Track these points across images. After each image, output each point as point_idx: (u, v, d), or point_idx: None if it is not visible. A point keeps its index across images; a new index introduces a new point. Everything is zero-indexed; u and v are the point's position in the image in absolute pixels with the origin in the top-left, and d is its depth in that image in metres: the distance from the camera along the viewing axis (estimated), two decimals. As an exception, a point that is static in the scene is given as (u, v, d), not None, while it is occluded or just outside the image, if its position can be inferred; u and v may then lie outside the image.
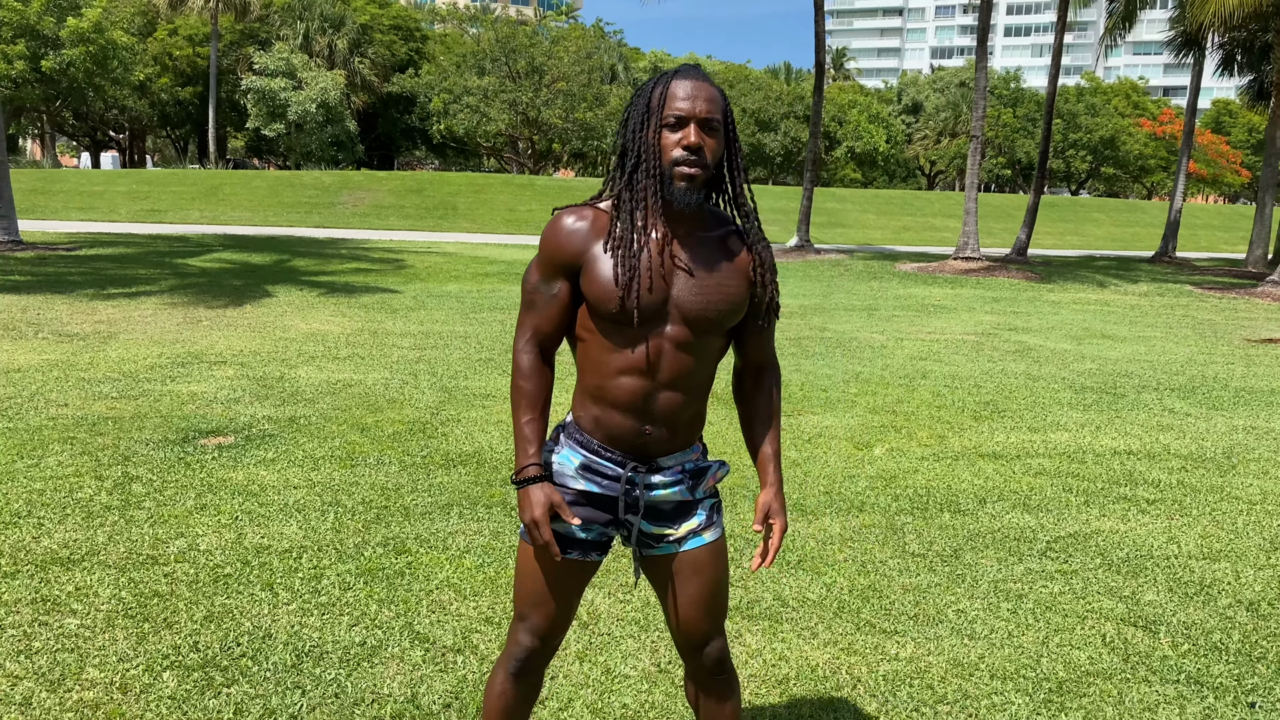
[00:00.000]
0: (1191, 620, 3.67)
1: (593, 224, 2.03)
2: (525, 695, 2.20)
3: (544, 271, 2.06)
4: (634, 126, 2.02)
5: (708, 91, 1.97)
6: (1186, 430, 6.73)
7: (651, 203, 2.01)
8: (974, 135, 20.40)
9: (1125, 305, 15.08)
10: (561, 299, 2.06)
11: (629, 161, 2.02)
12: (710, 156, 1.98)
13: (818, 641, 3.34)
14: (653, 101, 1.99)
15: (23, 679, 2.87)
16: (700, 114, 1.95)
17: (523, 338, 2.10)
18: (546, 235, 2.05)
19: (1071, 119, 50.54)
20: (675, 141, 1.96)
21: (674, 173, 1.96)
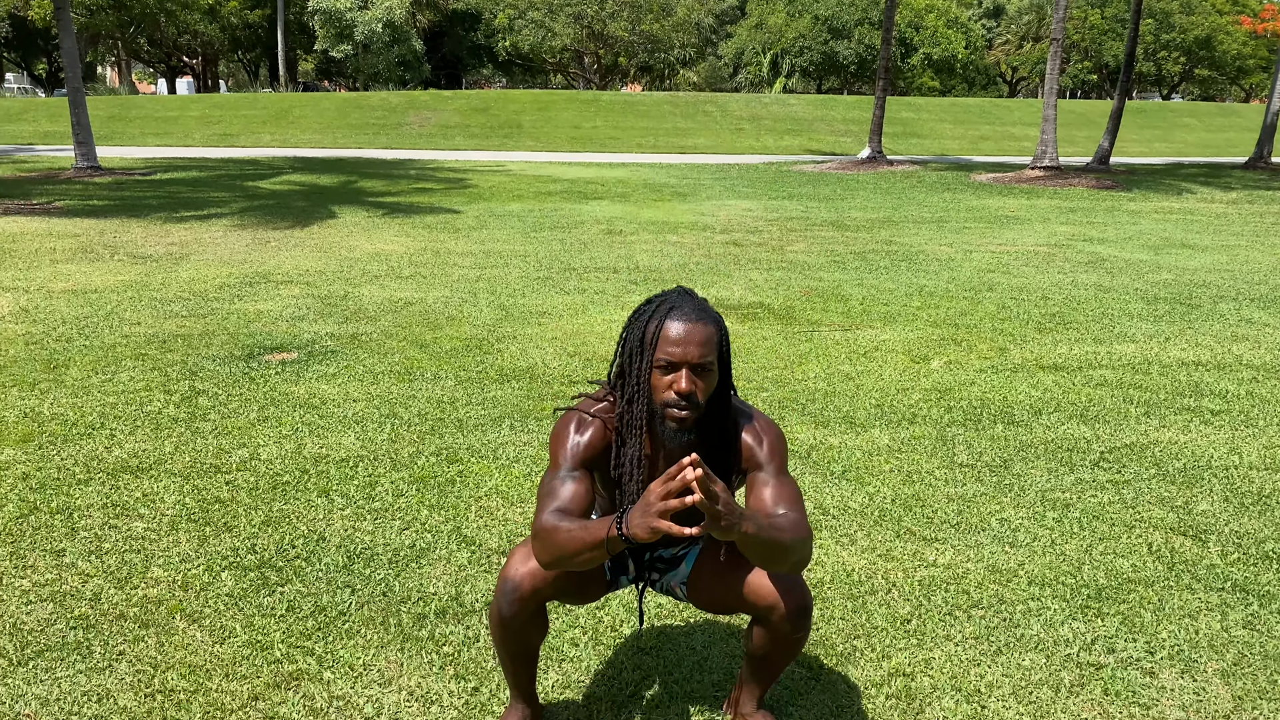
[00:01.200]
0: (1245, 530, 3.61)
1: (593, 438, 2.10)
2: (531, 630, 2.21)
3: (566, 466, 2.08)
4: (629, 355, 2.06)
5: (700, 334, 1.98)
6: (1262, 340, 6.52)
7: (646, 433, 2.10)
8: (1054, 38, 19.56)
9: (1210, 213, 14.49)
10: (584, 480, 2.07)
11: (627, 392, 2.07)
12: (703, 396, 2.02)
13: (856, 548, 3.37)
14: (646, 338, 2.01)
15: (93, 577, 3.05)
16: (693, 359, 1.98)
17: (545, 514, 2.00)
18: (560, 444, 2.10)
19: (1164, 18, 48.02)
20: (667, 384, 2.00)
21: (665, 414, 2.01)
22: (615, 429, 2.12)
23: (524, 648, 2.23)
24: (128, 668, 2.58)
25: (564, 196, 14.68)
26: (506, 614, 2.12)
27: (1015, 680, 2.63)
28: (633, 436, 2.09)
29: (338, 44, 38.52)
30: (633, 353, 2.05)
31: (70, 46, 15.62)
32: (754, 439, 2.14)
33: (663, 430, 2.04)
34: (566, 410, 2.16)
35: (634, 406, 2.07)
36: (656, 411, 2.04)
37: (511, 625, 2.14)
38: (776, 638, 2.18)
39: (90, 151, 16.22)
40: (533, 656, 2.27)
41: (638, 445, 2.09)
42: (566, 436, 2.11)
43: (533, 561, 2.10)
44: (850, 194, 16.01)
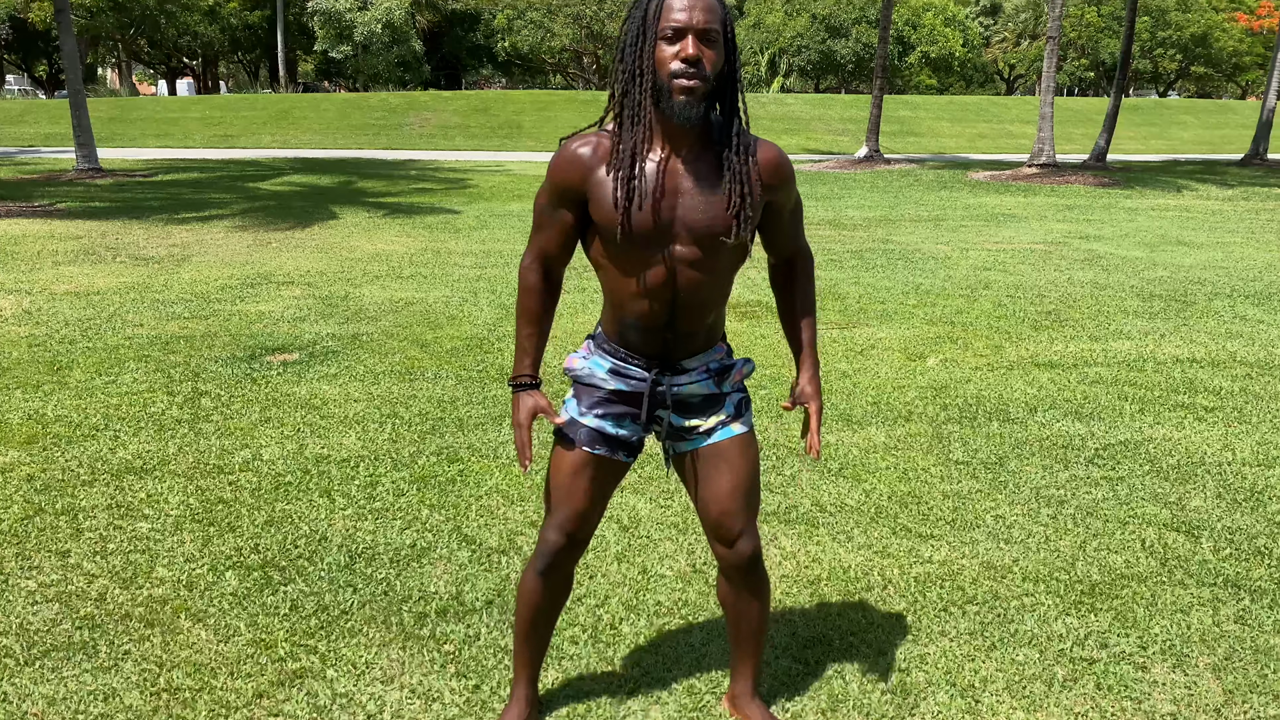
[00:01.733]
0: (1237, 525, 3.65)
1: (595, 150, 2.03)
2: (554, 594, 2.30)
3: (550, 198, 2.10)
4: (630, 42, 1.99)
5: (705, 1, 1.93)
6: (1257, 337, 6.56)
7: (652, 120, 1.99)
8: (1050, 36, 19.61)
9: (1206, 210, 14.53)
10: (565, 224, 2.11)
11: (627, 77, 2.00)
12: (710, 68, 1.94)
13: (852, 545, 3.41)
14: (649, 15, 1.95)
15: (99, 577, 3.09)
16: (698, 25, 1.91)
17: (529, 256, 2.18)
18: (553, 164, 2.07)
19: (1160, 15, 48.03)
20: (673, 54, 1.92)
21: (672, 86, 1.93)
22: (616, 117, 2.05)
23: (550, 611, 2.31)
24: (133, 667, 2.62)
25: (563, 196, 14.71)
26: (547, 564, 2.25)
27: (1009, 675, 2.67)
28: (635, 122, 2.00)
29: (337, 45, 38.58)
30: (635, 34, 1.98)
31: (71, 48, 15.66)
32: (779, 160, 2.11)
33: (670, 108, 1.96)
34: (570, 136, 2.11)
35: (636, 86, 1.98)
36: (663, 89, 1.95)
37: (551, 581, 2.27)
38: (732, 580, 2.31)
39: (91, 153, 16.26)
40: (551, 628, 2.35)
41: (643, 129, 1.99)
42: (561, 156, 2.06)
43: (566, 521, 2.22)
44: (847, 193, 16.04)
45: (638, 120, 2.00)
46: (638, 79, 1.98)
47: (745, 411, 2.26)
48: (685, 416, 2.22)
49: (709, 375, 2.21)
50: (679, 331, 2.12)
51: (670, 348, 2.14)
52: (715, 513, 2.24)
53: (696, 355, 2.19)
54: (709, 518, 2.26)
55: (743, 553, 2.27)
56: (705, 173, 2.04)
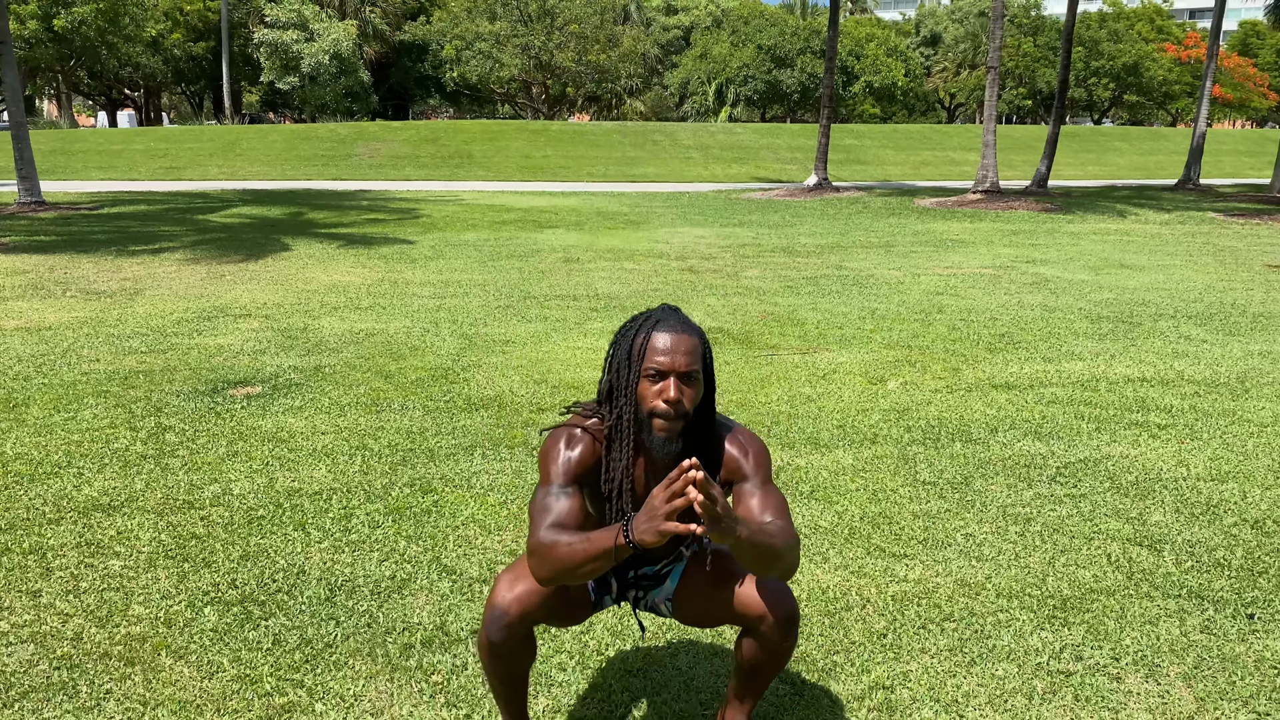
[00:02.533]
0: (1196, 539, 3.76)
1: (584, 452, 2.16)
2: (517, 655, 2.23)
3: (558, 482, 2.12)
4: (618, 368, 2.14)
5: (687, 344, 2.07)
6: (1201, 356, 6.76)
7: (637, 443, 2.16)
8: (991, 67, 20.11)
9: (1145, 234, 14.96)
10: (576, 496, 2.13)
11: (616, 405, 2.15)
12: (689, 405, 2.09)
13: (829, 565, 3.46)
14: (634, 350, 2.10)
15: (73, 616, 3.04)
16: (680, 368, 2.06)
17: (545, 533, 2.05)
18: (550, 460, 2.14)
19: (1093, 46, 49.50)
20: (655, 393, 2.07)
21: (653, 423, 2.08)
22: (604, 441, 2.18)
23: (514, 673, 2.27)
24: (116, 706, 2.58)
25: (518, 225, 14.74)
26: (496, 640, 2.16)
27: (990, 690, 2.73)
28: (622, 446, 2.14)
29: (284, 76, 38.32)
30: (621, 365, 2.13)
31: (12, 81, 15.40)
32: (739, 450, 2.21)
33: (650, 441, 2.11)
34: (555, 428, 2.22)
35: (623, 417, 2.13)
36: (644, 422, 2.10)
37: (501, 651, 2.18)
38: (766, 647, 2.24)
39: (34, 186, 15.97)
40: (523, 681, 2.31)
41: (627, 455, 2.14)
42: (557, 453, 2.16)
43: (519, 586, 2.15)
44: (799, 220, 16.27)
45: (626, 441, 2.14)
46: (624, 409, 2.13)
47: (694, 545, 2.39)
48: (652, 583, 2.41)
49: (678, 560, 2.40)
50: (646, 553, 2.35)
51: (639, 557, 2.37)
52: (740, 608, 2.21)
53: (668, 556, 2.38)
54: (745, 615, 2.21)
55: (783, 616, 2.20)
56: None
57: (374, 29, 43.47)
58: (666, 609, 2.39)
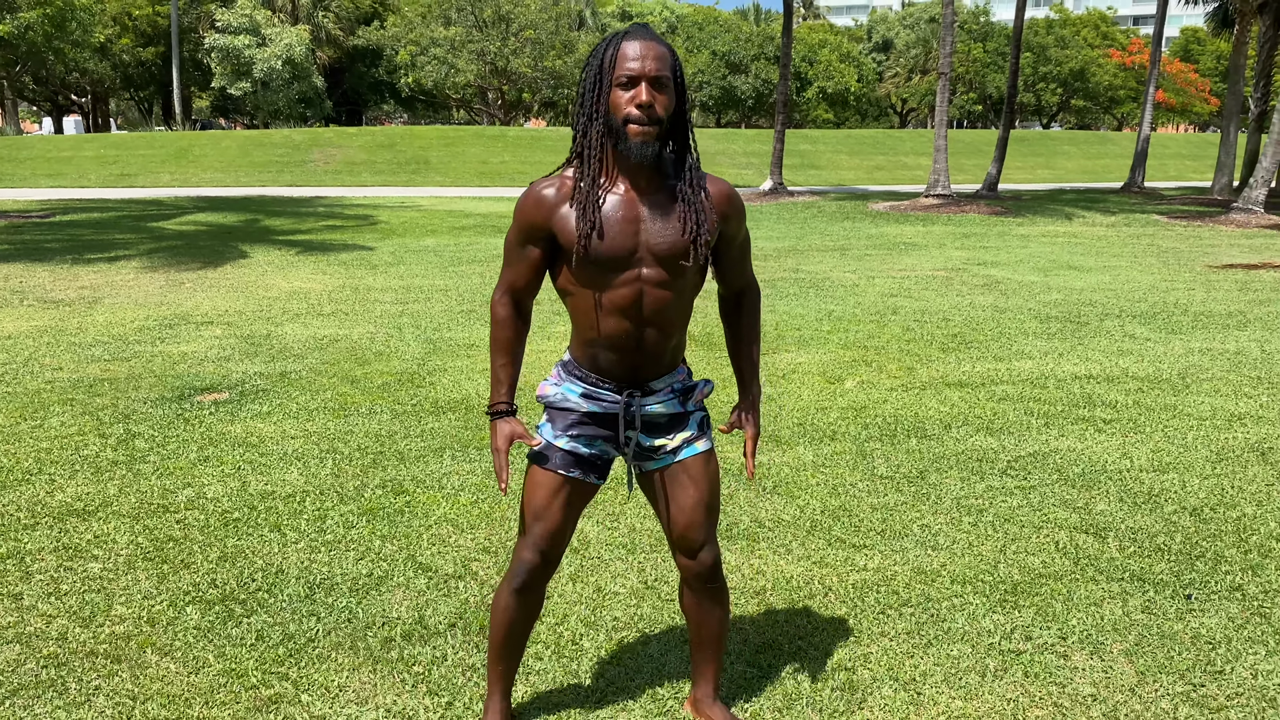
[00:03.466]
0: (1139, 526, 3.96)
1: (559, 189, 2.21)
2: (528, 611, 2.43)
3: (518, 236, 2.27)
4: (588, 87, 2.17)
5: (656, 50, 2.12)
6: (1145, 354, 7.02)
7: (610, 158, 2.18)
8: (942, 73, 20.50)
9: (1092, 236, 15.36)
10: (533, 260, 2.27)
11: (586, 120, 2.18)
12: (662, 111, 2.13)
13: (792, 557, 3.61)
14: (604, 63, 2.13)
15: (56, 617, 3.09)
16: (650, 72, 2.11)
17: (500, 290, 2.33)
18: (519, 205, 2.24)
19: (1041, 52, 50.48)
20: (628, 99, 2.11)
21: (627, 129, 2.12)
22: (578, 157, 2.22)
23: (524, 627, 2.43)
24: (106, 701, 2.65)
25: (478, 231, 14.79)
26: (523, 582, 2.37)
27: (946, 669, 2.88)
28: (594, 159, 2.17)
29: (236, 81, 37.93)
30: (592, 81, 2.16)
31: (-41, 87, 15.16)
32: (729, 194, 2.30)
33: (626, 148, 2.13)
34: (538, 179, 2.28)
35: (594, 127, 2.16)
36: (619, 130, 2.13)
37: (525, 598, 2.39)
38: (695, 589, 2.46)
39: (-18, 194, 15.72)
40: (524, 643, 2.48)
41: (602, 168, 2.18)
42: (526, 199, 2.23)
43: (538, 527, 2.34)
44: (756, 224, 16.48)
45: (597, 158, 2.18)
46: (595, 121, 2.17)
47: (706, 429, 2.44)
48: (652, 436, 2.38)
49: (674, 395, 2.37)
50: (646, 352, 2.28)
51: (638, 369, 2.30)
52: (681, 526, 2.40)
53: (662, 377, 2.35)
54: (674, 531, 2.42)
55: (705, 562, 2.43)
56: (662, 203, 2.22)
57: (327, 34, 43.18)
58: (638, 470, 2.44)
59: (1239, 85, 24.03)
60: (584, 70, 2.21)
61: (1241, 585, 3.44)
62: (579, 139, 2.21)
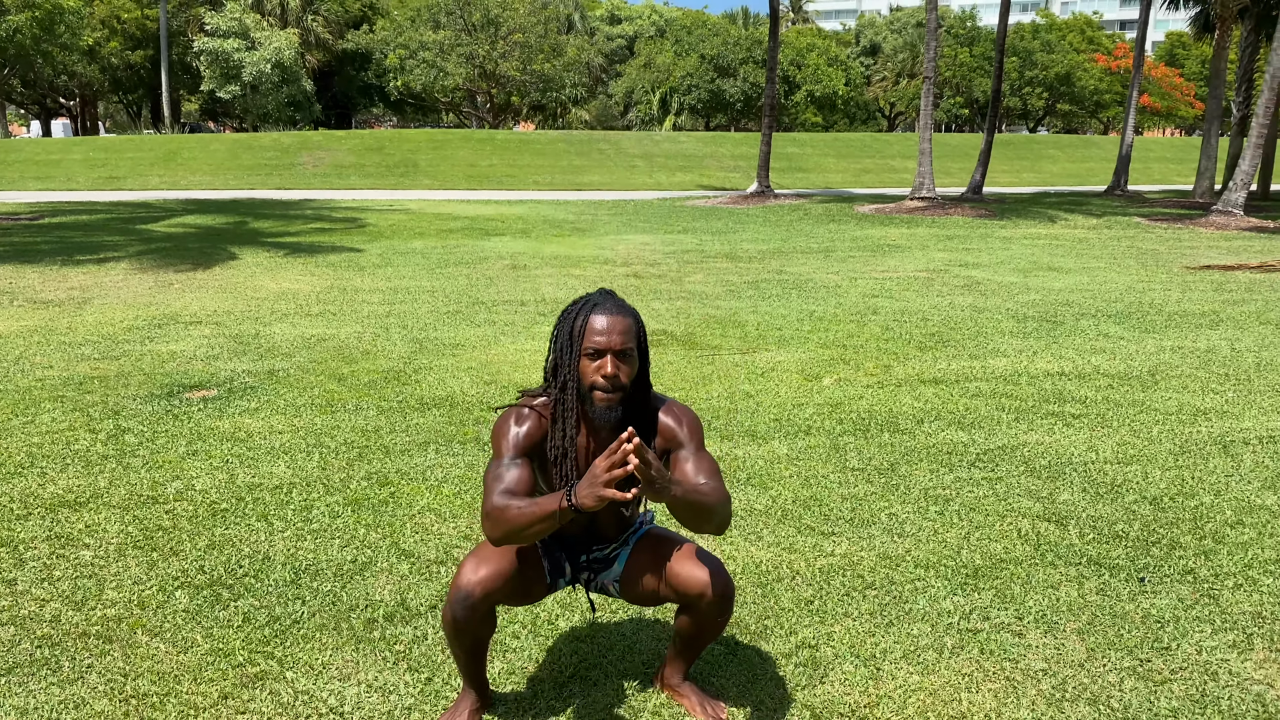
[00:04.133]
0: (1099, 514, 4.10)
1: (531, 428, 2.39)
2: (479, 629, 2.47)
3: (509, 454, 2.36)
4: (561, 348, 2.37)
5: (622, 325, 2.31)
6: (1117, 352, 7.18)
7: (579, 414, 2.39)
8: (926, 77, 20.71)
9: (1073, 239, 15.55)
10: (526, 466, 2.37)
11: (559, 381, 2.38)
12: (626, 379, 2.33)
13: (762, 543, 3.73)
14: (574, 331, 2.33)
15: (49, 601, 3.20)
16: (615, 346, 2.30)
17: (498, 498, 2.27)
18: (502, 435, 2.38)
19: (1027, 56, 50.81)
20: (594, 369, 2.31)
21: (594, 395, 2.32)
22: (550, 417, 2.42)
23: (476, 646, 2.50)
24: (98, 678, 2.76)
25: (465, 233, 14.91)
26: (460, 618, 2.40)
27: (905, 646, 3.02)
28: (567, 419, 2.38)
29: (225, 84, 37.97)
30: (563, 346, 2.37)
31: (-52, 90, 15.22)
32: (674, 420, 2.47)
33: (593, 411, 2.34)
34: (507, 407, 2.46)
35: (566, 393, 2.37)
36: (586, 395, 2.34)
37: (465, 627, 2.42)
38: (703, 621, 2.53)
39: (-30, 197, 15.78)
40: (483, 651, 2.55)
41: (571, 426, 2.38)
42: (508, 429, 2.39)
43: (483, 570, 2.38)
44: (741, 227, 16.63)
45: (570, 414, 2.38)
46: (568, 386, 2.37)
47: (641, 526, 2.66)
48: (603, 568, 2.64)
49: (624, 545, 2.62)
50: (597, 532, 2.59)
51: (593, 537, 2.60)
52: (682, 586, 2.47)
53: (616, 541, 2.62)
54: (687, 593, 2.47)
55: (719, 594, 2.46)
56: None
57: (316, 38, 43.24)
58: (615, 589, 2.63)
59: (1220, 90, 24.30)
60: (557, 326, 2.41)
61: (1194, 569, 3.58)
62: (555, 393, 2.40)
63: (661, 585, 2.52)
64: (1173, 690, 2.81)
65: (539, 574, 2.54)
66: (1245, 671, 2.90)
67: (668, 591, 2.51)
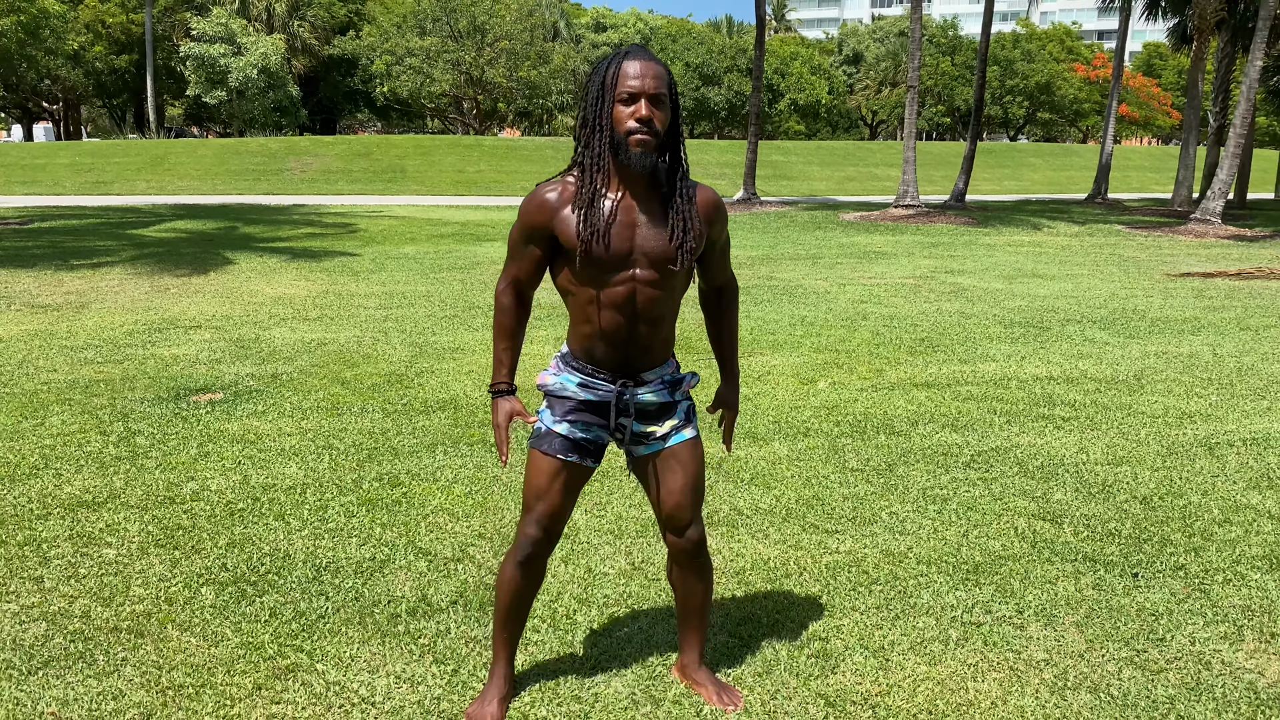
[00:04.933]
0: (1092, 513, 4.23)
1: (561, 193, 2.42)
2: (530, 582, 2.64)
3: (521, 234, 2.49)
4: (592, 101, 2.40)
5: (655, 70, 2.36)
6: (1104, 357, 7.34)
7: (610, 167, 2.40)
8: (910, 85, 20.93)
9: (1056, 246, 15.77)
10: (534, 256, 2.50)
11: (589, 132, 2.40)
12: (660, 125, 2.36)
13: (769, 541, 3.85)
14: (607, 80, 2.36)
15: (78, 597, 3.28)
16: (649, 90, 2.34)
17: (503, 281, 2.56)
18: (524, 206, 2.47)
19: (1008, 65, 51.33)
20: (629, 114, 2.34)
21: (629, 141, 2.34)
22: (579, 165, 2.43)
23: (527, 597, 2.65)
24: (133, 670, 2.85)
25: (456, 239, 14.98)
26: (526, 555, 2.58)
27: (912, 638, 3.13)
28: (596, 169, 2.38)
29: (211, 89, 37.90)
30: (595, 97, 2.39)
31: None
32: (714, 202, 2.55)
33: (627, 158, 2.34)
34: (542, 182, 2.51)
35: (596, 140, 2.37)
36: (620, 143, 2.34)
37: (528, 570, 2.59)
38: (682, 564, 2.70)
39: (-42, 201, 15.75)
40: (526, 612, 2.69)
41: (602, 177, 2.39)
42: (533, 197, 2.44)
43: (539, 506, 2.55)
44: (730, 234, 16.74)
45: (598, 167, 2.40)
46: (598, 134, 2.39)
47: (693, 417, 2.67)
48: (644, 423, 2.61)
49: (664, 385, 2.61)
50: (639, 345, 2.51)
51: (631, 360, 2.53)
52: (669, 506, 2.63)
53: (653, 369, 2.58)
54: (664, 511, 2.65)
55: (692, 539, 2.66)
56: (655, 211, 2.45)
57: (302, 43, 43.23)
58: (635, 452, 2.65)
59: (1198, 100, 24.65)
60: (586, 85, 2.43)
61: (1185, 565, 3.72)
62: (581, 149, 2.43)
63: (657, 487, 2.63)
64: (1169, 679, 2.93)
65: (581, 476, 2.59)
66: (1237, 661, 3.04)
67: (656, 494, 2.64)
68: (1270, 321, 9.02)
